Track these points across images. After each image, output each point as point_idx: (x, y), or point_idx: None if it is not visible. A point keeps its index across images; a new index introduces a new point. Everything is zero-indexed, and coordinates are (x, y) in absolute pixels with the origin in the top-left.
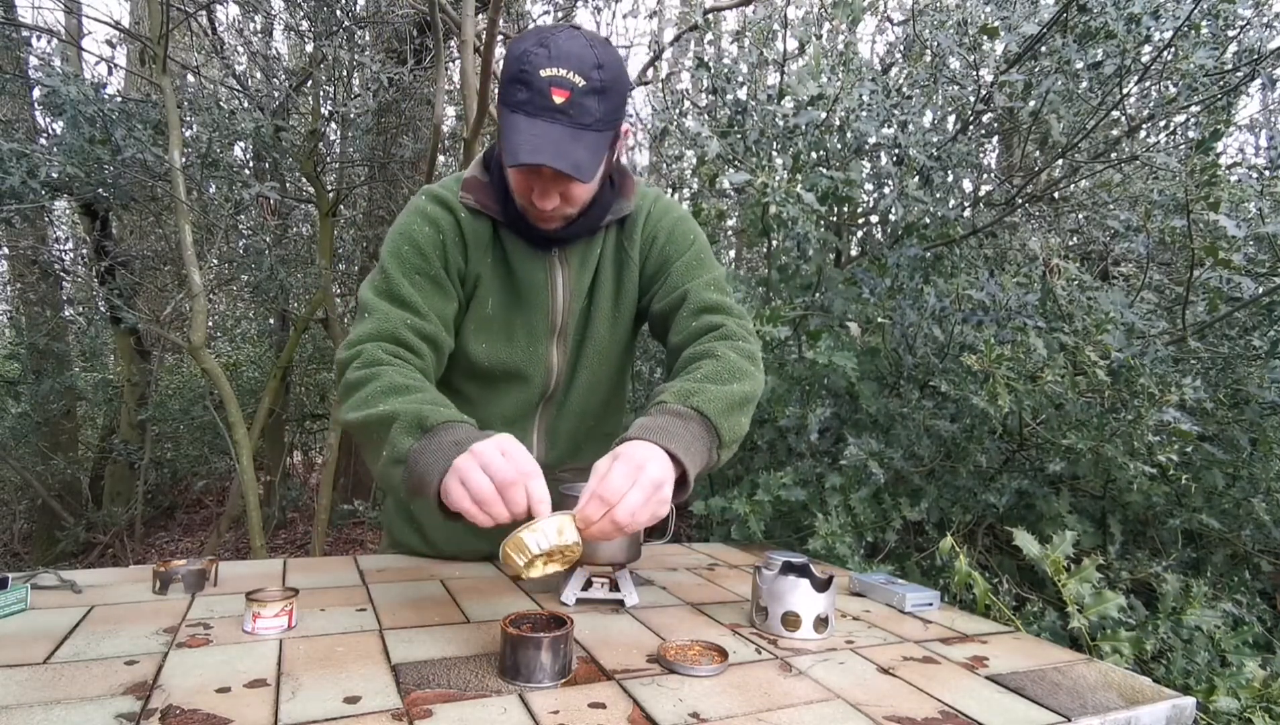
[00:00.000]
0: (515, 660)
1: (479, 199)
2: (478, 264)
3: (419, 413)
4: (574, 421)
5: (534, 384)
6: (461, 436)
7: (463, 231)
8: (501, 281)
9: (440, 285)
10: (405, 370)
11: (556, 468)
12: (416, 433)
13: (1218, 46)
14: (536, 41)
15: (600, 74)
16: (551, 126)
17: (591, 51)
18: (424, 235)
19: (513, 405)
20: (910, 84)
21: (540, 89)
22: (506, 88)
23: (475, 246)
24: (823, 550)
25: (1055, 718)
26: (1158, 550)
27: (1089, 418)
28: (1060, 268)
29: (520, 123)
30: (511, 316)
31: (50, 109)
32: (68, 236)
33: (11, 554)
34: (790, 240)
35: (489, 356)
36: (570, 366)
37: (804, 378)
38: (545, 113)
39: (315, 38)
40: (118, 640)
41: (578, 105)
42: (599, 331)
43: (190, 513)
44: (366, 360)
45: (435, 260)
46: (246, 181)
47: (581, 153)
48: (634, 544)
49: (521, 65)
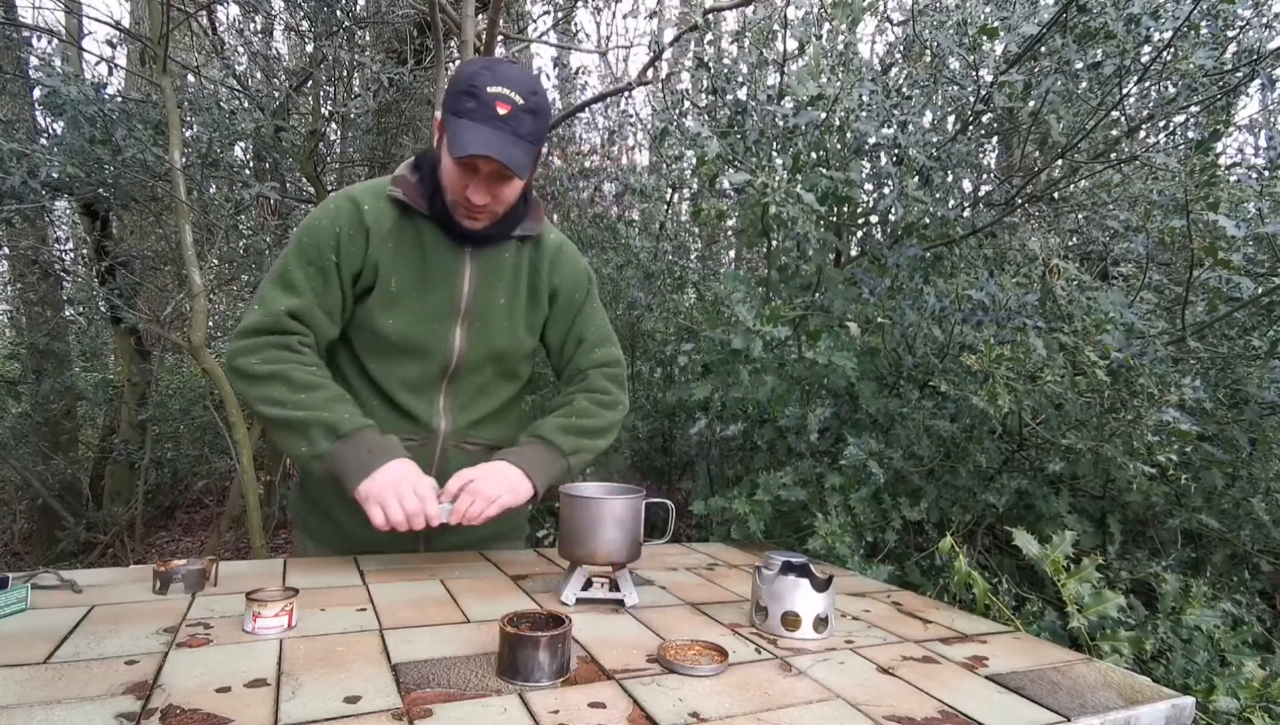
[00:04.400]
0: (514, 659)
1: (406, 192)
2: (378, 250)
3: (333, 419)
4: (474, 396)
5: (436, 359)
6: (372, 444)
7: (364, 220)
8: (409, 264)
9: (328, 277)
10: (305, 361)
11: (460, 437)
12: (332, 437)
13: (1217, 47)
14: (482, 66)
15: (535, 98)
16: (496, 131)
17: (528, 80)
18: (323, 228)
19: (416, 375)
20: (910, 84)
21: (487, 101)
22: (455, 99)
23: (376, 234)
24: (823, 550)
25: (1055, 717)
26: (1157, 550)
27: (1088, 418)
28: (1060, 268)
29: (466, 126)
30: (420, 296)
31: (51, 109)
32: (68, 236)
33: (12, 554)
34: (790, 240)
35: (396, 331)
36: (471, 347)
37: (804, 378)
38: (490, 120)
39: (315, 38)
40: (118, 640)
41: (517, 118)
42: (499, 321)
43: (190, 512)
44: (267, 356)
45: (329, 253)
46: (246, 181)
47: (519, 154)
48: (634, 544)
49: (471, 82)
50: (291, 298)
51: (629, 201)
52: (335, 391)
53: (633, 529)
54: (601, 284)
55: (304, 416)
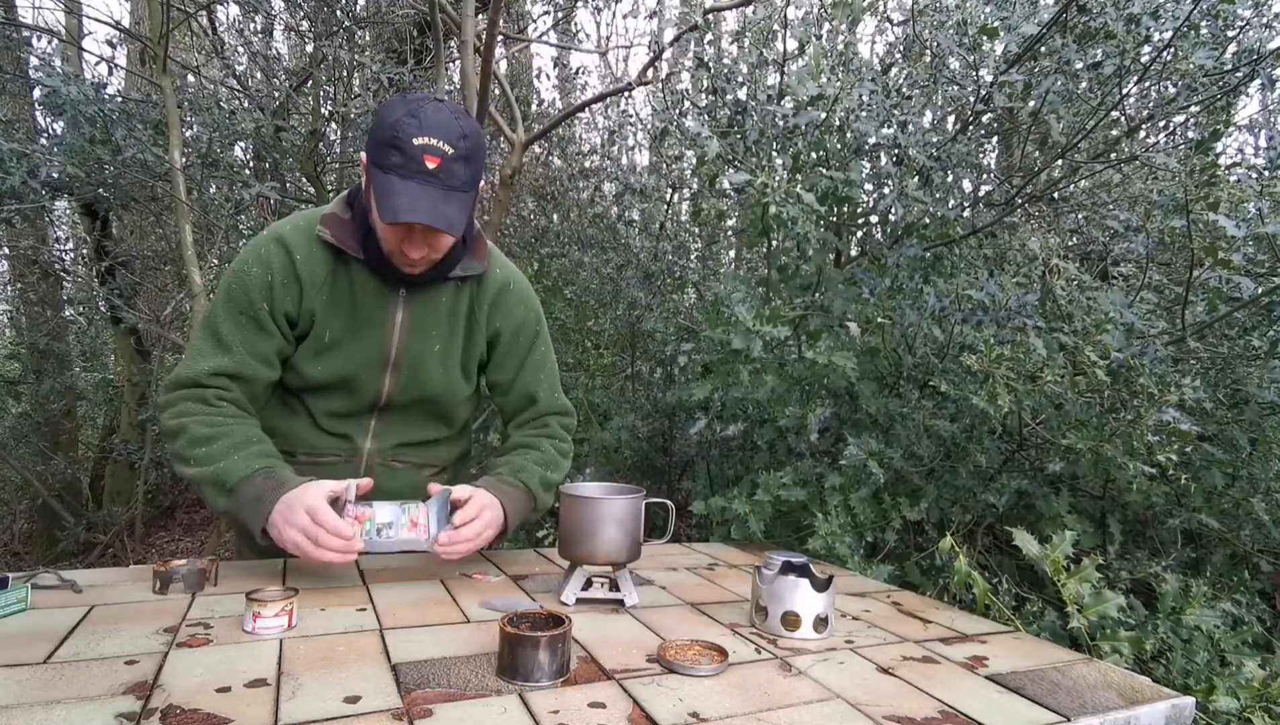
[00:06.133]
0: (513, 659)
1: (336, 235)
2: (312, 300)
3: (222, 472)
4: (401, 428)
5: (363, 398)
6: (260, 491)
7: (297, 271)
8: (341, 314)
9: (262, 326)
10: (210, 413)
11: (388, 457)
12: (224, 493)
13: (1217, 47)
14: (407, 112)
15: (465, 142)
16: (425, 188)
17: (457, 123)
18: (253, 276)
19: (343, 407)
20: (910, 84)
21: (414, 155)
22: (379, 150)
23: (310, 284)
24: (823, 550)
25: (1055, 717)
26: (1157, 550)
27: (1088, 418)
28: (1060, 268)
29: (396, 185)
30: (350, 343)
31: (50, 109)
32: (68, 236)
33: (11, 554)
34: (790, 240)
35: (324, 376)
36: (401, 391)
37: (804, 378)
38: (419, 176)
39: (315, 38)
40: (118, 640)
41: (447, 170)
42: (431, 368)
43: (191, 512)
44: (177, 411)
45: (260, 302)
46: (246, 181)
47: (452, 211)
48: (634, 544)
49: (395, 132)
50: (219, 356)
51: (629, 201)
52: (236, 438)
53: (633, 529)
54: (601, 284)
55: (199, 473)
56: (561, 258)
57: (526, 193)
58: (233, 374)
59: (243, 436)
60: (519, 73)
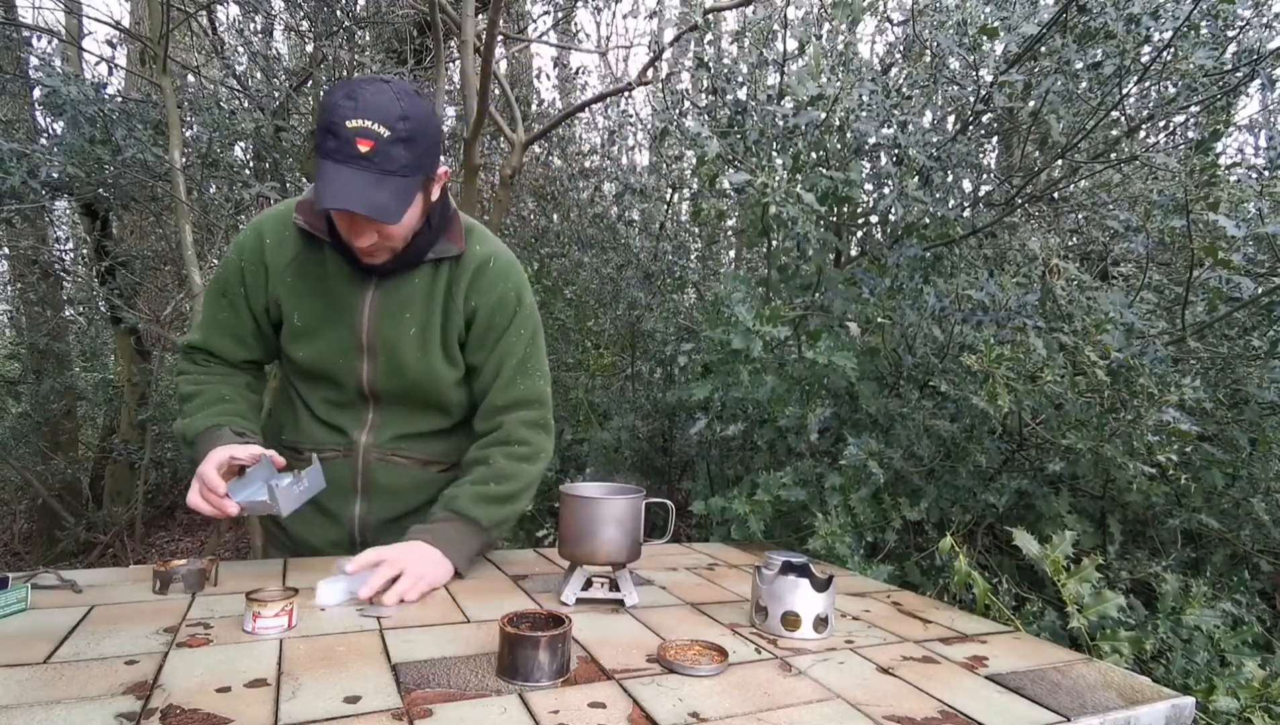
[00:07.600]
0: (513, 659)
1: (308, 220)
2: (277, 286)
3: (183, 429)
4: (396, 420)
5: (349, 387)
6: (199, 452)
7: (264, 256)
8: (312, 297)
9: (237, 308)
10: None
11: (385, 451)
12: (188, 446)
13: (1217, 47)
14: (345, 94)
15: (405, 124)
16: (357, 173)
17: (397, 104)
18: (230, 261)
19: (337, 397)
20: (910, 84)
21: (347, 138)
22: (320, 134)
23: (274, 269)
24: (823, 550)
25: (1055, 717)
26: (1157, 550)
27: (1088, 418)
28: (1060, 268)
29: (328, 169)
30: (324, 329)
31: (50, 109)
32: (68, 236)
33: (11, 554)
34: (790, 240)
35: (307, 362)
36: (382, 379)
37: (804, 378)
38: (351, 160)
39: (315, 38)
40: (118, 640)
41: (382, 153)
42: (409, 353)
43: (190, 512)
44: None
45: (235, 285)
46: (246, 181)
47: (385, 197)
48: (634, 544)
49: (330, 116)
50: (200, 331)
51: (629, 201)
52: (209, 396)
53: (633, 529)
54: (601, 284)
55: (177, 428)
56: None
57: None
58: (205, 348)
59: (215, 394)
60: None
